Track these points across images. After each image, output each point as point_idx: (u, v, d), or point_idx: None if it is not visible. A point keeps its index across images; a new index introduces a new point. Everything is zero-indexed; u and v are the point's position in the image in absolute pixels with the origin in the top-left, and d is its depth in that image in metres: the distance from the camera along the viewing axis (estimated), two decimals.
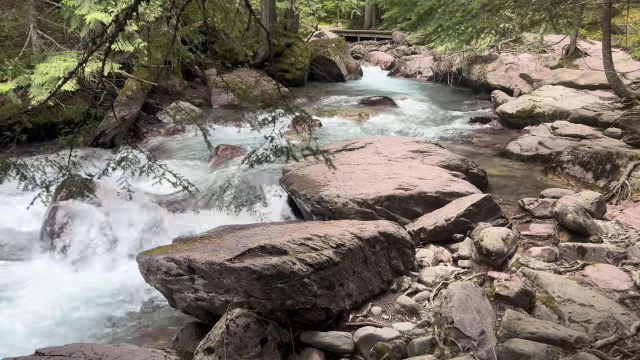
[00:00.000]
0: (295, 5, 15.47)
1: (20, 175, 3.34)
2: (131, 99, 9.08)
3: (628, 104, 9.29)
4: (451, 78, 14.97)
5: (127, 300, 4.83)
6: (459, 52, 13.75)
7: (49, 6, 9.52)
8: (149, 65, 9.65)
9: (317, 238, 3.72)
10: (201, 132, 3.88)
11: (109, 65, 7.56)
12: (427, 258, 4.45)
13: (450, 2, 5.93)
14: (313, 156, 3.32)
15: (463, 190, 5.44)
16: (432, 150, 6.97)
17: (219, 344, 3.14)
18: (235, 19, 3.93)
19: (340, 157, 6.56)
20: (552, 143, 7.80)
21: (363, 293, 3.78)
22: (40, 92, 7.05)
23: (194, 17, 11.07)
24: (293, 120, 3.33)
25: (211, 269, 3.44)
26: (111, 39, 2.98)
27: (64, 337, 4.23)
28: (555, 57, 13.03)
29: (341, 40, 17.89)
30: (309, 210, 5.54)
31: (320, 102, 12.66)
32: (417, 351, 3.23)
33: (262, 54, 13.42)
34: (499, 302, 3.70)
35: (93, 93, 6.46)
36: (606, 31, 9.66)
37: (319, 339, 3.39)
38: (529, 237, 4.80)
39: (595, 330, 3.30)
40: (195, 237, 4.56)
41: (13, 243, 5.94)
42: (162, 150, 8.50)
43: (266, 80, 12.37)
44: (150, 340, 4.18)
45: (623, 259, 4.28)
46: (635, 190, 5.68)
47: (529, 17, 7.26)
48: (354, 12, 24.69)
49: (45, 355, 3.25)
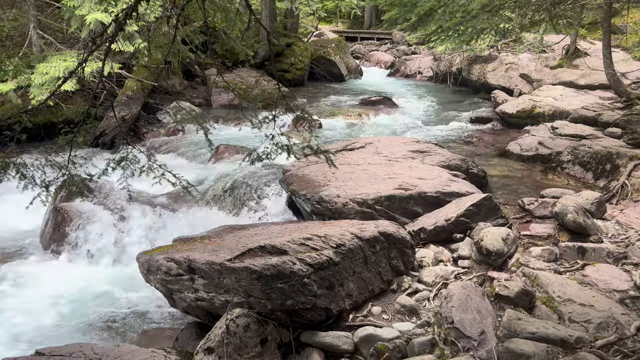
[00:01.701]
0: (295, 5, 15.48)
1: (20, 175, 3.34)
2: (131, 99, 9.09)
3: (628, 104, 9.29)
4: (451, 78, 14.97)
5: (127, 300, 4.83)
6: (459, 52, 13.75)
7: (49, 6, 9.52)
8: (149, 65, 9.66)
9: (317, 238, 3.72)
10: (202, 131, 3.88)
11: (109, 65, 7.56)
12: (427, 258, 4.44)
13: (450, 2, 5.93)
14: (314, 155, 3.33)
15: (463, 190, 5.44)
16: (432, 150, 6.97)
17: (219, 344, 3.14)
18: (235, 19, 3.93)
19: (340, 157, 6.56)
20: (552, 143, 7.80)
21: (363, 293, 3.78)
22: (41, 92, 7.06)
23: (194, 17, 11.08)
24: (293, 120, 3.33)
25: (211, 269, 3.44)
26: (111, 39, 2.98)
27: (64, 337, 4.22)
28: (555, 57, 13.03)
29: (341, 40, 17.90)
30: (309, 210, 5.54)
31: (320, 102, 12.66)
32: (417, 351, 3.23)
33: (262, 53, 13.43)
34: (499, 302, 3.70)
35: (93, 93, 6.46)
36: (606, 31, 9.66)
37: (319, 339, 3.39)
38: (529, 237, 4.80)
39: (595, 330, 3.30)
40: (195, 237, 4.56)
41: (13, 243, 5.94)
42: (162, 150, 8.50)
43: (266, 80, 12.37)
44: (150, 340, 4.18)
45: (623, 259, 4.27)
46: (635, 190, 5.67)
47: (529, 17, 7.26)
48: (354, 12, 24.71)
49: (45, 355, 3.26)
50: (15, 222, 6.16)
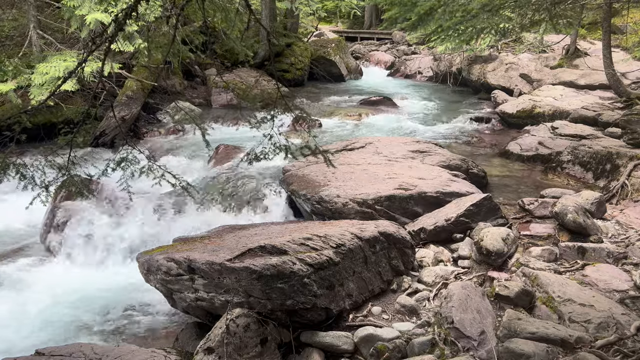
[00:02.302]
0: (295, 5, 15.48)
1: (19, 175, 3.33)
2: (131, 99, 9.08)
3: (628, 104, 9.28)
4: (451, 78, 14.96)
5: (127, 300, 4.83)
6: (459, 52, 13.74)
7: (49, 6, 9.52)
8: (149, 65, 9.66)
9: (317, 238, 3.72)
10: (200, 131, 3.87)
11: (108, 65, 7.55)
12: (427, 258, 4.44)
13: (451, 2, 5.93)
14: (312, 155, 3.32)
15: (463, 190, 5.44)
16: (432, 150, 6.97)
17: (219, 344, 3.14)
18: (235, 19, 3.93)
19: (340, 157, 6.56)
20: (552, 143, 7.80)
21: (363, 293, 3.78)
22: (41, 92, 7.06)
23: (194, 17, 11.07)
24: (293, 120, 3.33)
25: (211, 269, 3.44)
26: (111, 39, 2.98)
27: (64, 337, 4.22)
28: (555, 57, 13.03)
29: (341, 40, 17.89)
30: (309, 210, 5.54)
31: (320, 102, 12.66)
32: (417, 351, 3.23)
33: (262, 53, 13.42)
34: (499, 302, 3.70)
35: (93, 93, 6.45)
36: (606, 31, 9.66)
37: (319, 339, 3.39)
38: (529, 237, 4.80)
39: (595, 330, 3.30)
40: (195, 237, 4.56)
41: (12, 243, 5.94)
42: (162, 150, 8.49)
43: (266, 80, 12.37)
44: (150, 340, 4.18)
45: (623, 259, 4.27)
46: (635, 190, 5.67)
47: (529, 17, 7.26)
48: (354, 12, 24.69)
49: (45, 355, 3.26)
50: (15, 222, 6.17)
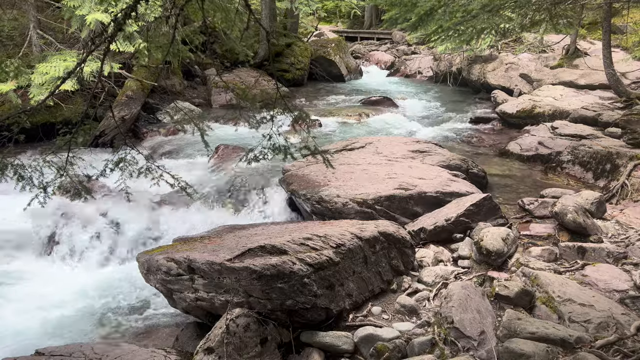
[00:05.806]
0: (295, 5, 15.49)
1: (17, 176, 3.32)
2: (131, 99, 9.08)
3: (628, 104, 9.28)
4: (451, 78, 14.97)
5: (127, 300, 4.83)
6: (459, 52, 13.74)
7: (49, 6, 9.52)
8: (148, 65, 9.65)
9: (317, 238, 3.72)
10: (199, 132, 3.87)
11: (108, 65, 7.56)
12: (427, 258, 4.44)
13: (451, 2, 5.93)
14: (312, 156, 3.31)
15: (463, 190, 5.44)
16: (432, 150, 6.97)
17: (219, 344, 3.14)
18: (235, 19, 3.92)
19: (340, 157, 6.56)
20: (552, 143, 7.80)
21: (363, 293, 3.78)
22: (40, 92, 7.05)
23: (194, 17, 11.06)
24: (292, 120, 3.32)
25: (211, 269, 3.44)
26: (110, 39, 2.97)
27: (64, 337, 4.22)
28: (555, 57, 13.02)
29: (341, 40, 17.90)
30: (309, 210, 5.53)
31: (320, 102, 12.66)
32: (417, 351, 3.23)
33: (262, 53, 13.43)
34: (499, 302, 3.69)
35: (92, 93, 6.45)
36: (606, 31, 9.65)
37: (319, 339, 3.39)
38: (529, 237, 4.80)
39: (595, 330, 3.30)
40: (195, 237, 4.56)
41: (11, 243, 5.93)
42: (162, 151, 8.49)
43: (266, 80, 12.37)
44: (150, 340, 4.18)
45: (623, 259, 4.27)
46: (635, 190, 5.67)
47: (529, 17, 7.26)
48: (354, 12, 24.73)
49: (45, 355, 3.25)
50: (14, 223, 6.15)
